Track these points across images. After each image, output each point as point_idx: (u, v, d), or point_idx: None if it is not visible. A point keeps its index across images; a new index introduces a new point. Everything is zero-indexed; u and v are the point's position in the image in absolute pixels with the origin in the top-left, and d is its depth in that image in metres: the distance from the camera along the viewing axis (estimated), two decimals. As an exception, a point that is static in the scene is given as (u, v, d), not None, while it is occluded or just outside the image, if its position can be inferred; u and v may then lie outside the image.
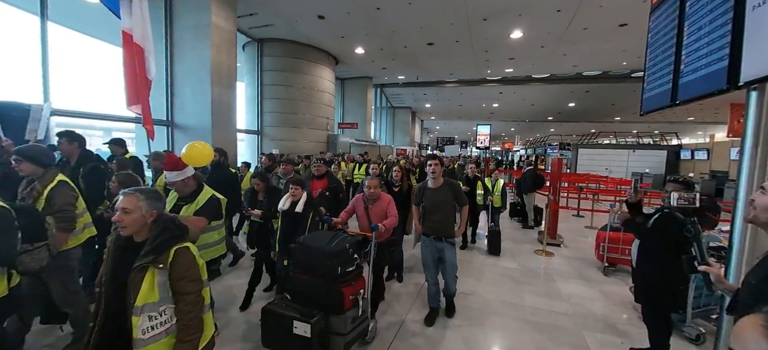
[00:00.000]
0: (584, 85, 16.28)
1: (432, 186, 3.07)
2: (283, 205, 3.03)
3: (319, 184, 4.01)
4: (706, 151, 14.46)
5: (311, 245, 2.50)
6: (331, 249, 2.43)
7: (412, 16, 9.05)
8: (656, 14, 2.44)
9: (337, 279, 2.40)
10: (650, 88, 2.51)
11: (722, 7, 1.71)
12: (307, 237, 2.63)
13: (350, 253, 2.51)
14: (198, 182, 2.56)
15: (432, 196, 3.06)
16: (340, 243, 2.49)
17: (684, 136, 25.68)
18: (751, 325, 0.52)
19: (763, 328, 0.51)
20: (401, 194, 4.00)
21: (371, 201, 3.14)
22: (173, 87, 7.61)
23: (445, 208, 3.04)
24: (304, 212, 2.99)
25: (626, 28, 9.07)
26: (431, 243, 3.12)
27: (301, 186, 3.07)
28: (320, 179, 4.03)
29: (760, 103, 1.68)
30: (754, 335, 0.51)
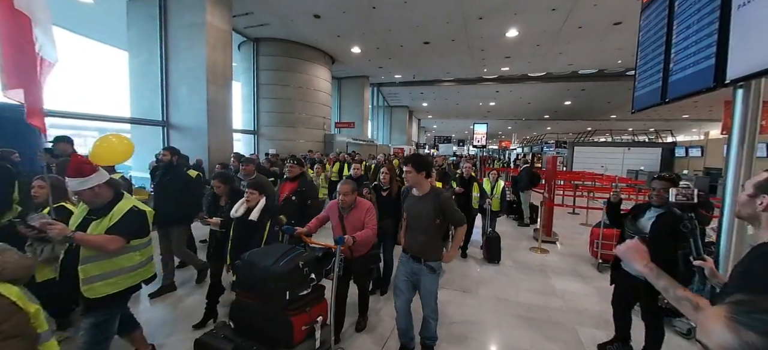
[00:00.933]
0: (580, 83, 16.39)
1: (415, 193, 2.47)
2: (236, 212, 2.67)
3: (287, 188, 3.60)
4: (700, 148, 14.59)
5: (256, 262, 2.08)
6: (278, 269, 2.00)
7: (408, 15, 9.06)
8: (647, 13, 2.46)
9: (286, 307, 1.99)
10: (641, 86, 2.54)
11: (709, 7, 1.74)
12: (254, 253, 2.21)
13: (304, 273, 2.11)
14: (115, 190, 2.09)
15: (412, 206, 2.48)
16: (291, 261, 2.08)
17: (679, 134, 25.87)
18: (715, 317, 0.54)
19: (727, 319, 0.52)
20: (390, 199, 3.59)
21: (346, 209, 2.71)
22: (168, 87, 7.59)
23: (426, 224, 2.39)
24: (259, 221, 2.61)
25: (621, 26, 9.14)
26: (407, 263, 2.51)
27: (259, 190, 2.71)
28: (292, 182, 3.61)
29: (746, 101, 1.70)
30: (718, 326, 0.52)
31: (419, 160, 2.39)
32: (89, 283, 1.92)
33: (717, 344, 0.52)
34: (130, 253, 2.07)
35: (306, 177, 3.71)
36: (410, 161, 2.39)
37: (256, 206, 2.65)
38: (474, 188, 4.89)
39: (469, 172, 5.02)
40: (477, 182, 4.96)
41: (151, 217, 2.17)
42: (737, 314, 0.51)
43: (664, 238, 2.29)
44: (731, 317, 0.52)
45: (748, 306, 0.52)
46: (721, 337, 0.52)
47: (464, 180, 4.96)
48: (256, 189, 2.71)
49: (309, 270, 2.15)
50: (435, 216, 2.37)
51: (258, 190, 2.72)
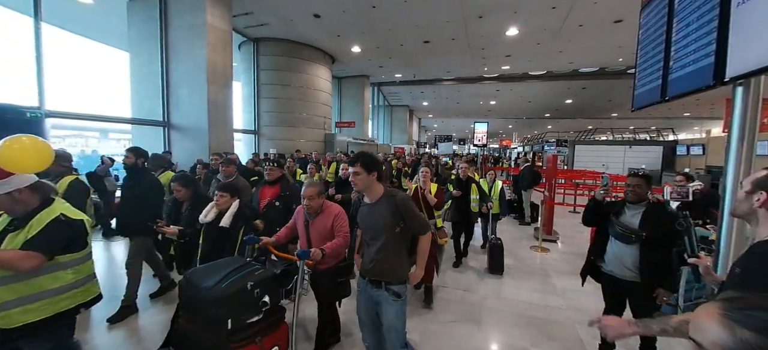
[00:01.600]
0: (581, 81, 16.35)
1: (368, 201, 2.04)
2: (205, 217, 2.42)
3: (269, 192, 3.34)
4: (701, 146, 14.54)
5: (195, 282, 1.79)
6: (218, 292, 1.69)
7: (408, 15, 9.05)
8: (647, 11, 2.46)
9: (228, 337, 1.70)
10: (641, 84, 2.54)
11: (709, 4, 1.73)
12: (197, 270, 1.93)
13: (254, 296, 1.79)
14: (42, 196, 1.74)
15: (365, 216, 2.04)
16: (238, 281, 1.77)
17: (680, 132, 25.81)
18: (708, 314, 0.53)
19: (720, 316, 0.51)
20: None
21: (312, 215, 2.39)
22: (169, 87, 7.60)
23: (384, 237, 1.94)
24: (232, 227, 2.36)
25: (621, 24, 9.11)
26: (365, 290, 2.06)
27: (230, 193, 2.48)
28: (272, 186, 3.35)
29: (745, 99, 1.70)
30: (711, 323, 0.52)
31: (369, 159, 1.97)
32: (3, 310, 1.55)
33: (711, 342, 0.51)
34: (57, 272, 1.68)
35: (287, 179, 3.50)
36: (358, 160, 1.94)
37: (228, 210, 2.42)
38: (472, 190, 4.50)
39: (466, 172, 4.55)
40: (476, 183, 4.57)
41: (89, 226, 1.83)
42: (731, 311, 0.51)
43: (660, 236, 2.27)
44: (725, 314, 0.51)
45: (740, 303, 0.51)
46: (715, 335, 0.51)
47: (461, 181, 4.55)
48: (227, 192, 2.47)
49: (261, 291, 1.81)
50: (394, 224, 1.93)
51: (229, 193, 2.48)
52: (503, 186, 5.23)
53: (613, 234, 2.43)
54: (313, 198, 2.35)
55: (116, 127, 14.11)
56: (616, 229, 2.40)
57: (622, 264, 2.39)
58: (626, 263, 2.37)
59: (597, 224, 2.62)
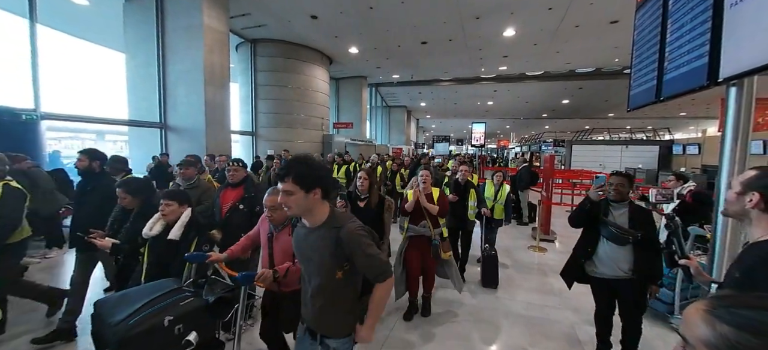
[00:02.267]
0: (577, 81, 16.43)
1: (307, 225, 1.47)
2: (150, 230, 2.10)
3: (231, 195, 3.02)
4: (697, 145, 14.64)
5: (104, 316, 1.49)
6: (124, 330, 1.38)
7: (405, 15, 9.07)
8: (641, 12, 2.48)
9: None
10: (637, 85, 2.56)
11: (702, 6, 1.75)
12: (107, 300, 1.62)
13: (174, 335, 1.47)
14: None
15: (302, 242, 1.49)
16: (151, 317, 1.45)
17: (676, 131, 25.98)
18: (695, 310, 0.55)
19: (705, 312, 0.53)
20: (369, 211, 2.84)
21: (277, 227, 2.02)
22: (166, 88, 7.58)
23: (322, 274, 1.41)
24: (182, 239, 2.06)
25: (617, 24, 9.17)
26: (302, 339, 1.56)
27: (179, 201, 2.15)
28: (235, 188, 3.04)
29: (738, 99, 1.72)
30: (696, 319, 0.53)
31: (306, 169, 1.35)
32: None
33: (695, 337, 0.53)
34: None
35: (253, 180, 3.23)
36: (290, 172, 1.33)
37: (178, 221, 2.10)
38: (471, 195, 4.11)
39: (466, 176, 4.17)
40: (475, 188, 4.17)
41: None
42: (716, 308, 0.52)
43: (650, 235, 2.37)
44: (709, 310, 0.53)
45: (728, 301, 0.52)
46: (698, 330, 0.52)
47: (459, 185, 4.14)
48: (174, 200, 2.14)
49: (185, 327, 1.49)
50: (334, 266, 1.38)
51: (177, 201, 2.15)
52: (510, 192, 4.73)
53: (607, 235, 2.40)
54: (275, 208, 1.91)
55: (113, 128, 14.04)
56: (611, 231, 2.36)
57: (616, 265, 2.38)
58: (621, 265, 2.37)
59: (585, 225, 2.56)
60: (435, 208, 3.10)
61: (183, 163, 3.40)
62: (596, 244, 2.47)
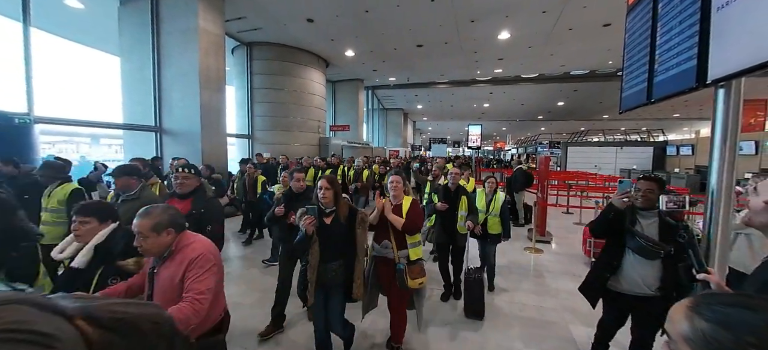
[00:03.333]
0: (572, 84, 16.58)
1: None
2: (61, 252, 1.72)
3: (177, 207, 2.26)
4: (690, 146, 14.80)
5: None
6: None
7: (401, 18, 9.12)
8: (632, 15, 2.52)
9: None
10: (628, 87, 2.59)
11: (690, 9, 1.78)
12: None
13: None
14: None
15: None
16: None
17: (670, 132, 26.26)
18: (679, 307, 0.57)
19: (688, 309, 0.55)
20: (337, 227, 2.27)
21: (157, 260, 1.57)
22: (161, 92, 7.55)
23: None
24: (88, 268, 1.65)
25: (610, 27, 9.28)
26: None
27: (99, 217, 1.73)
28: (182, 200, 2.50)
29: (727, 101, 1.75)
30: (678, 316, 0.55)
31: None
32: None
33: (676, 333, 0.55)
34: None
35: (204, 192, 2.64)
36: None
37: (88, 245, 1.67)
38: (462, 203, 3.45)
39: (457, 180, 3.54)
40: (467, 195, 3.52)
41: None
42: (699, 305, 0.54)
43: (679, 249, 2.05)
44: (691, 307, 0.54)
45: (711, 299, 0.54)
46: (680, 326, 0.54)
47: (449, 192, 3.50)
48: (92, 216, 1.71)
49: None
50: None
51: (97, 217, 1.72)
52: (507, 200, 3.94)
53: (634, 247, 2.12)
54: (148, 235, 1.47)
55: (108, 132, 13.95)
56: (639, 243, 2.08)
57: (642, 281, 2.11)
58: (648, 281, 2.10)
59: (609, 236, 2.28)
60: (399, 221, 2.43)
61: (119, 171, 2.70)
62: (622, 258, 2.20)
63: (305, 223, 2.11)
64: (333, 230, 2.25)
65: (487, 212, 3.83)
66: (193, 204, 2.49)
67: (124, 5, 7.82)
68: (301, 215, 2.23)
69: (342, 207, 2.30)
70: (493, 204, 3.85)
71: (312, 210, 2.14)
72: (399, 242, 2.49)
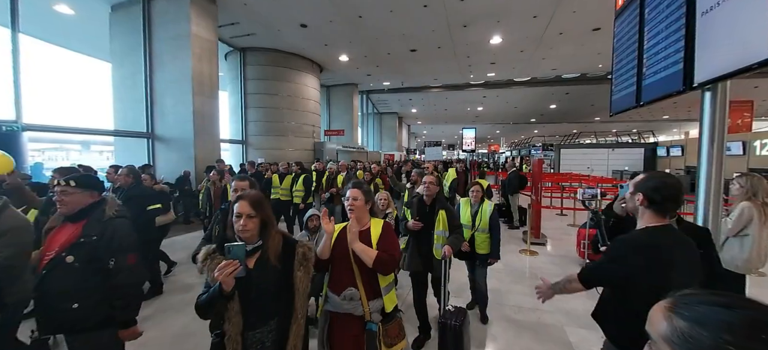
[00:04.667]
0: (564, 87, 16.81)
1: None
2: None
3: (63, 235, 1.69)
4: (680, 147, 15.06)
5: None
6: None
7: (394, 24, 9.18)
8: (620, 20, 2.57)
9: None
10: (618, 90, 2.64)
11: (675, 14, 1.83)
12: None
13: None
14: None
15: None
16: None
17: (660, 134, 26.74)
18: (658, 308, 0.58)
19: (666, 310, 0.56)
20: (266, 272, 1.46)
21: None
22: (153, 98, 7.48)
23: None
24: None
25: (600, 32, 9.44)
26: None
27: None
28: (74, 223, 1.72)
29: (713, 103, 1.79)
30: (657, 316, 0.57)
31: None
32: None
33: (656, 332, 0.56)
34: None
35: (102, 210, 1.79)
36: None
37: None
38: (439, 220, 2.70)
39: (433, 192, 2.76)
40: (446, 210, 2.75)
41: None
42: (677, 305, 0.56)
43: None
44: (670, 308, 0.56)
45: (688, 298, 0.55)
46: (658, 326, 0.56)
47: (424, 206, 2.79)
48: None
49: None
50: None
51: None
52: (496, 213, 3.19)
53: None
54: None
55: (99, 139, 13.78)
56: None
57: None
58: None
59: None
60: (370, 255, 1.63)
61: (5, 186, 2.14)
62: None
63: (222, 275, 1.26)
64: (260, 277, 1.42)
65: (474, 227, 3.17)
66: (86, 230, 1.70)
67: (115, 11, 7.76)
68: (209, 258, 1.40)
69: (272, 240, 1.48)
70: (479, 217, 3.14)
71: (237, 251, 1.32)
72: (369, 287, 1.69)
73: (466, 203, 3.30)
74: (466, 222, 3.19)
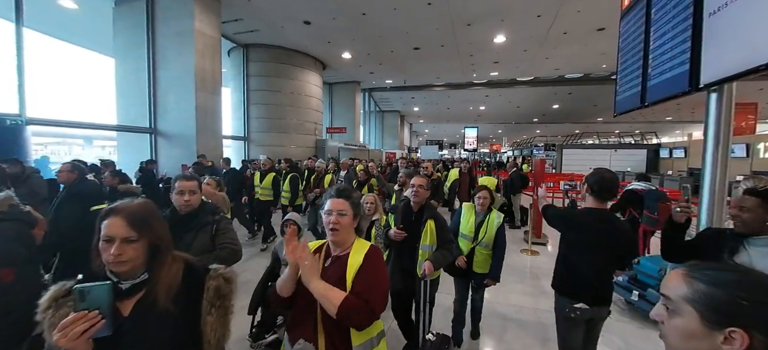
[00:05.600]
0: (567, 87, 16.73)
1: None
2: None
3: None
4: (683, 149, 15.00)
5: None
6: None
7: (398, 21, 9.15)
8: (625, 20, 2.55)
9: None
10: (622, 91, 2.62)
11: (682, 15, 1.82)
12: None
13: None
14: None
15: None
16: None
17: (663, 135, 26.60)
18: (676, 274, 0.71)
19: (684, 275, 0.69)
20: (153, 320, 0.95)
21: None
22: (156, 94, 7.49)
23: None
24: None
25: (604, 32, 9.39)
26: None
27: None
28: None
29: (719, 104, 1.78)
30: (677, 280, 0.69)
31: None
32: None
33: (676, 294, 0.68)
34: None
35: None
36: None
37: None
38: (426, 231, 2.31)
39: (422, 197, 2.38)
40: (435, 220, 2.34)
41: None
42: (693, 271, 0.68)
43: None
44: (687, 273, 0.68)
45: (701, 266, 0.69)
46: (678, 289, 0.68)
47: (410, 213, 2.42)
48: None
49: None
50: None
51: None
52: (504, 226, 2.80)
53: None
54: None
55: (101, 134, 13.83)
56: None
57: None
58: None
59: (681, 259, 1.74)
60: (334, 300, 1.13)
61: None
62: None
63: (66, 339, 0.80)
64: (142, 331, 0.94)
65: (476, 240, 2.67)
66: None
67: (119, 6, 7.76)
68: (54, 305, 0.91)
69: (166, 271, 1.01)
70: (484, 229, 2.66)
71: (96, 295, 0.87)
72: (331, 344, 1.20)
73: (469, 210, 2.81)
74: (468, 233, 2.73)
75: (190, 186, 1.89)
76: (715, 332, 0.64)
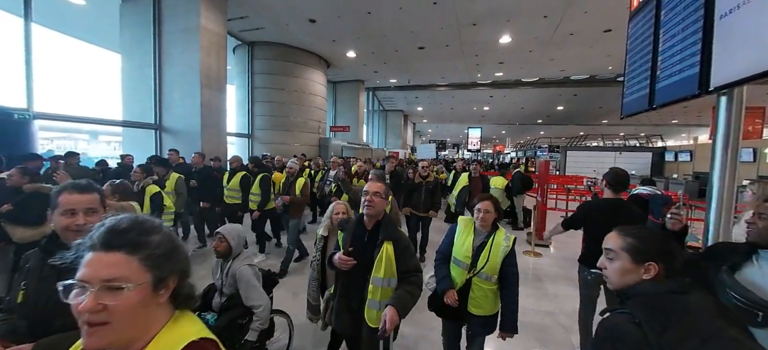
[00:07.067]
0: (572, 88, 16.63)
1: None
2: None
3: None
4: (689, 152, 14.84)
5: None
6: None
7: (403, 21, 9.14)
8: (634, 21, 2.53)
9: None
10: (630, 93, 2.60)
11: (693, 16, 1.79)
12: None
13: None
14: None
15: None
16: None
17: (668, 138, 26.38)
18: (613, 235, 1.11)
19: (618, 234, 1.10)
20: None
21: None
22: (161, 90, 7.54)
23: None
24: None
25: (611, 33, 9.32)
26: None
27: None
28: None
29: (729, 108, 1.76)
30: (615, 238, 1.10)
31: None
32: None
33: (615, 246, 1.08)
34: None
35: None
36: None
37: None
38: (381, 257, 1.71)
39: (380, 208, 1.78)
40: (395, 242, 1.75)
41: None
42: (623, 231, 1.09)
43: None
44: (619, 233, 1.09)
45: (627, 228, 1.10)
46: (616, 242, 1.08)
47: (363, 231, 1.81)
48: None
49: None
50: None
51: None
52: (514, 252, 2.12)
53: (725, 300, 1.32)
54: None
55: (107, 129, 13.95)
56: (730, 297, 1.26)
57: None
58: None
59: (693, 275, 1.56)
60: None
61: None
62: None
63: None
64: None
65: (473, 269, 1.99)
66: None
67: (126, 3, 7.81)
68: None
69: None
70: (485, 255, 1.98)
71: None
72: None
73: (467, 226, 2.08)
74: (463, 259, 2.01)
75: (87, 201, 1.20)
76: (640, 266, 1.01)
